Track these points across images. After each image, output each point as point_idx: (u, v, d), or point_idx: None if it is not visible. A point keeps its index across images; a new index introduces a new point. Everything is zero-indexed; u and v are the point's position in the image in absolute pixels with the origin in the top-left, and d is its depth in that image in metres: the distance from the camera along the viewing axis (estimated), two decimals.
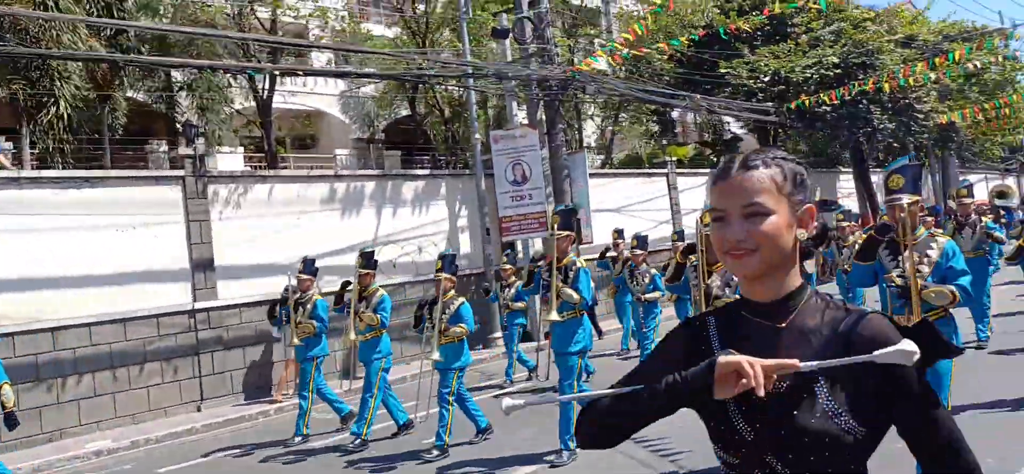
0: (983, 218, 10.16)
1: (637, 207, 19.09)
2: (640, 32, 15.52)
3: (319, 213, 13.59)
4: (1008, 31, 27.94)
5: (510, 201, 15.73)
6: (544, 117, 16.05)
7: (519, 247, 16.45)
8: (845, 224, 11.59)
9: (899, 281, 4.60)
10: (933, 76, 21.81)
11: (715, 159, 26.44)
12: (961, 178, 33.09)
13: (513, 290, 10.95)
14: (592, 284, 7.01)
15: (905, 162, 4.92)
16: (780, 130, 23.46)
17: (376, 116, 23.08)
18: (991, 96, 29.36)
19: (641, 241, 10.72)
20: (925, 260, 4.66)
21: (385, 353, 8.25)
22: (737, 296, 1.70)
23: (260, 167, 18.02)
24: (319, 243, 12.79)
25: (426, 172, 16.98)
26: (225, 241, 12.20)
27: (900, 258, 4.64)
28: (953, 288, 4.53)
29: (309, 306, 8.78)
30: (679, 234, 16.13)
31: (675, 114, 25.09)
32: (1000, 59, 28.04)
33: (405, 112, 21.37)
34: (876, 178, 28.25)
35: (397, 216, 14.78)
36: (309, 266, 9.06)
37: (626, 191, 19.25)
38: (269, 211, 12.89)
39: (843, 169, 28.28)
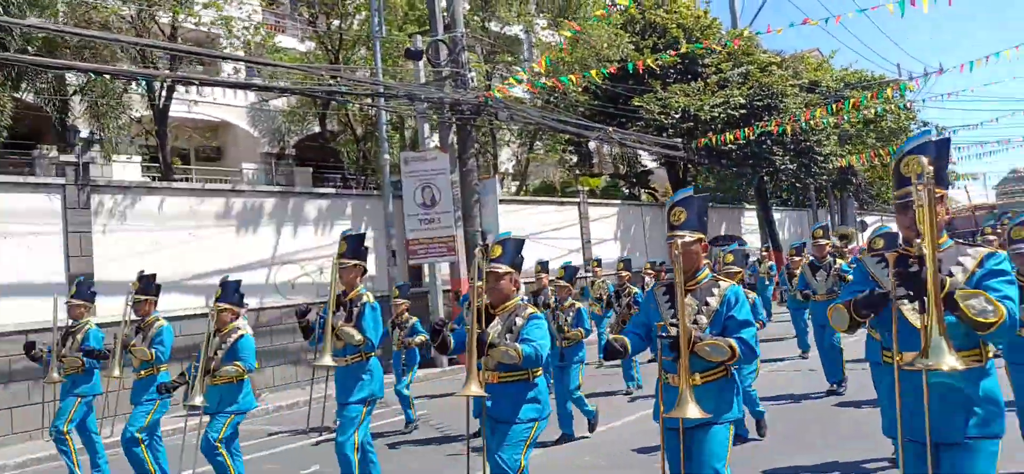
0: (838, 260, 9.59)
1: (550, 235, 19.14)
2: (548, 65, 15.62)
3: (214, 228, 13.05)
4: (901, 82, 29.49)
5: (418, 224, 15.56)
6: (456, 141, 15.95)
7: (425, 271, 16.24)
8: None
9: (672, 330, 3.85)
10: (833, 121, 22.84)
11: (627, 190, 26.89)
12: (858, 219, 34.71)
13: (409, 327, 9.65)
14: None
15: (689, 193, 4.16)
16: (689, 165, 24.04)
17: (287, 131, 22.49)
18: (887, 142, 30.97)
19: (567, 272, 9.00)
20: (704, 309, 3.96)
21: (158, 396, 6.93)
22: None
23: (156, 178, 17.25)
24: (213, 260, 12.30)
25: (332, 191, 16.60)
26: (108, 255, 11.54)
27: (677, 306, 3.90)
28: (732, 342, 3.81)
29: (79, 337, 7.36)
30: (652, 264, 15.94)
31: (591, 145, 25.41)
32: (895, 108, 29.57)
33: (318, 128, 20.89)
34: (778, 215, 29.33)
35: (299, 235, 14.36)
36: (83, 291, 7.70)
37: (537, 218, 19.29)
38: (158, 225, 12.29)
39: (748, 205, 29.20)
